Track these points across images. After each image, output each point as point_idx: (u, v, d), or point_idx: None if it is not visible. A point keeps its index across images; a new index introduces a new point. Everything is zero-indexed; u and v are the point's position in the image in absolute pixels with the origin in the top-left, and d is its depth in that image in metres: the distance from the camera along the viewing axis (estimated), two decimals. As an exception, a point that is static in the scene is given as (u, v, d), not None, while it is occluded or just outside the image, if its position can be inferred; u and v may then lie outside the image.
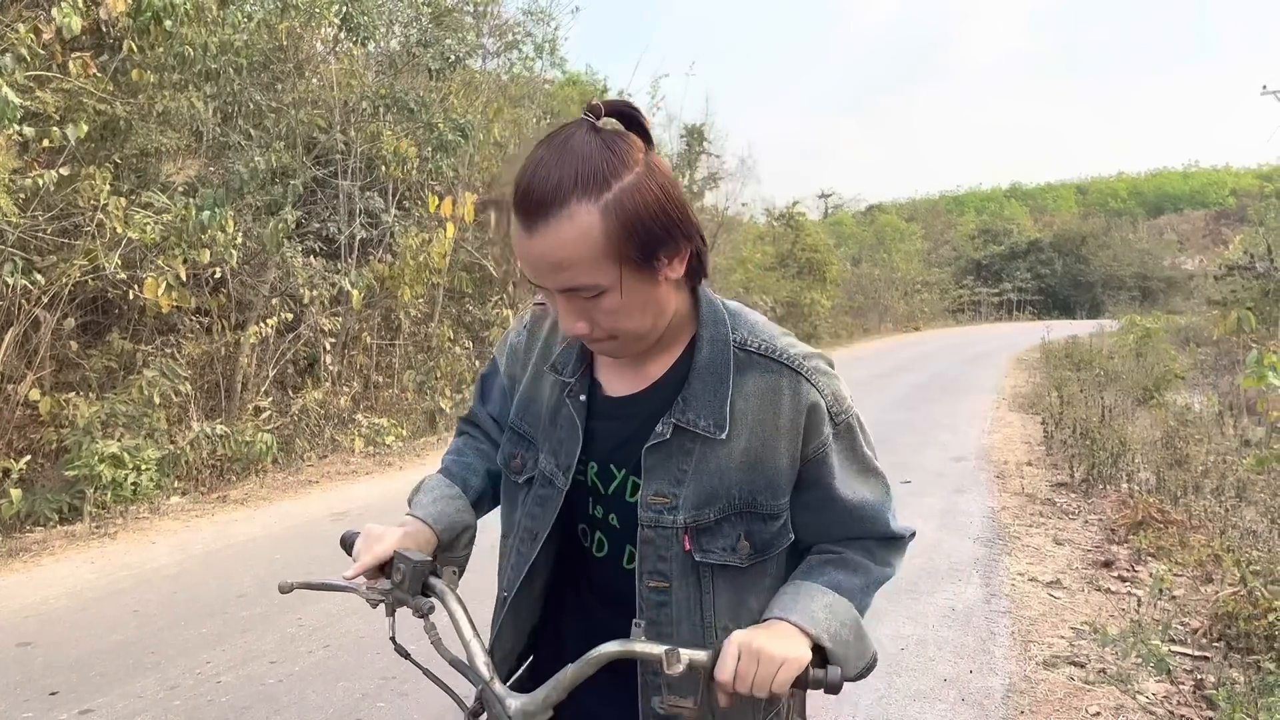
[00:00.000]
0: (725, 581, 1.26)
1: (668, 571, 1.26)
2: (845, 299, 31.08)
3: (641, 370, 1.28)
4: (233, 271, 8.46)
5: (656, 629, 1.26)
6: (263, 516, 6.65)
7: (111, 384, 7.70)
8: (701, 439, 1.22)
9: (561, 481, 1.30)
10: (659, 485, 1.24)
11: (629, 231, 1.08)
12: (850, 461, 1.29)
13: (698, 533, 1.24)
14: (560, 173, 1.06)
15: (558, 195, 1.06)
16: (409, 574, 1.24)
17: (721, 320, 1.26)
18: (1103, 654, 4.11)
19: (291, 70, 9.73)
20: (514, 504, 1.39)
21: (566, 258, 1.08)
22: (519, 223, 1.10)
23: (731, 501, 1.23)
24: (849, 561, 1.30)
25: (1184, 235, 60.57)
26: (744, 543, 1.25)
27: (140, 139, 7.84)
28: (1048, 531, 6.35)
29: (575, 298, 1.13)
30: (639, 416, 1.26)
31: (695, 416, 1.22)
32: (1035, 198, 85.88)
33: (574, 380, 1.31)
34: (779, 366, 1.24)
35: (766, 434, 1.23)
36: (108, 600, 4.80)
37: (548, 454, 1.33)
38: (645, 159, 1.12)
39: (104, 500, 6.60)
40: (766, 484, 1.24)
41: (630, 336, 1.19)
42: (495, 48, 13.85)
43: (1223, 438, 9.54)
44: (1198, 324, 24.19)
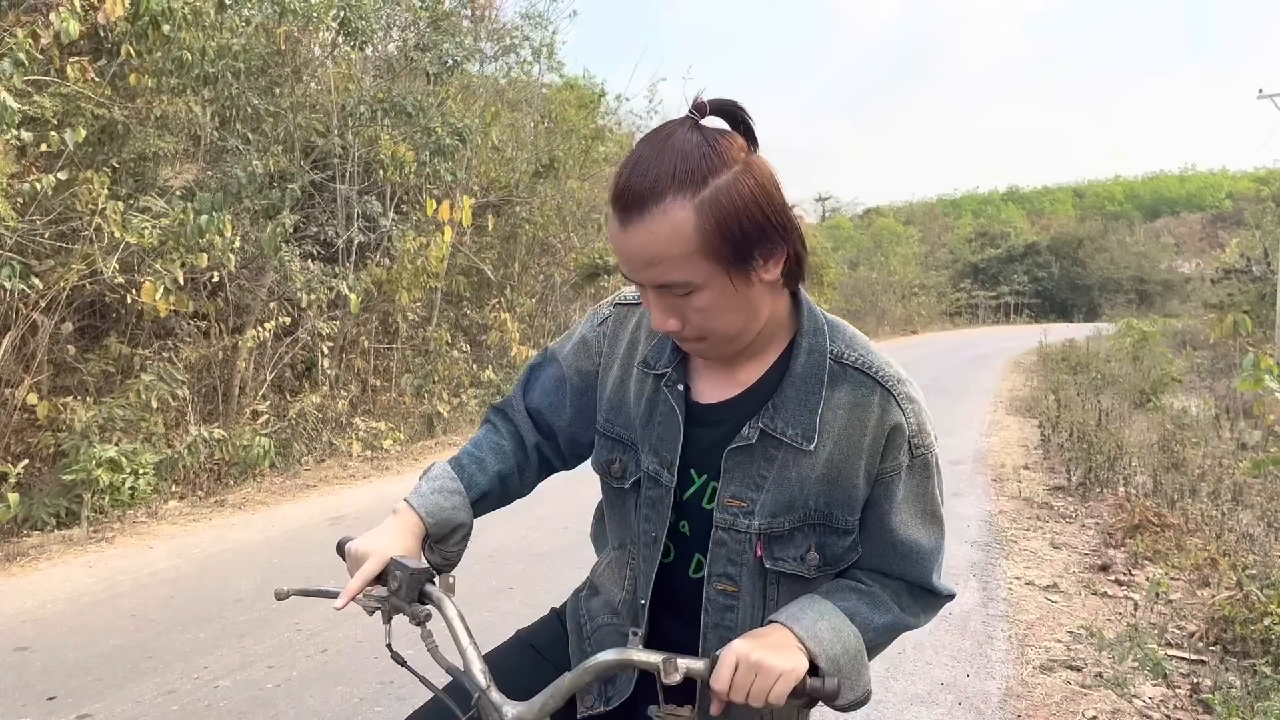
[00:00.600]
0: (788, 590, 1.27)
1: (737, 576, 1.26)
2: (843, 302, 31.09)
3: (733, 376, 1.27)
4: (230, 275, 8.45)
5: (720, 633, 1.27)
6: (260, 520, 6.65)
7: (109, 388, 7.69)
8: (787, 447, 1.22)
9: (668, 479, 1.28)
10: (737, 488, 1.24)
11: (723, 229, 1.08)
12: (916, 498, 1.28)
13: (770, 540, 1.24)
14: (658, 169, 1.07)
15: (654, 190, 1.07)
16: (405, 582, 1.23)
17: (821, 330, 1.26)
18: (1099, 658, 4.12)
19: (289, 74, 9.73)
20: (624, 510, 1.37)
21: (659, 253, 1.08)
22: (616, 217, 1.11)
23: (808, 512, 1.23)
24: (875, 597, 1.28)
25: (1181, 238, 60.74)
26: (814, 554, 1.25)
27: (138, 143, 7.84)
28: (1045, 535, 6.36)
29: (667, 294, 1.13)
30: (728, 423, 1.25)
31: (784, 424, 1.22)
32: (1032, 201, 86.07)
33: (670, 370, 1.29)
34: (872, 383, 1.23)
35: (850, 449, 1.22)
36: (105, 605, 4.80)
37: (649, 453, 1.30)
38: (745, 158, 1.12)
39: (101, 504, 6.59)
40: (844, 498, 1.24)
41: (721, 337, 1.18)
42: (493, 52, 13.86)
43: (1219, 441, 9.57)
44: (1194, 327, 24.27)
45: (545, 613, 1.58)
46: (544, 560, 5.30)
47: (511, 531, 5.77)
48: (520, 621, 1.59)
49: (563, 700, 1.15)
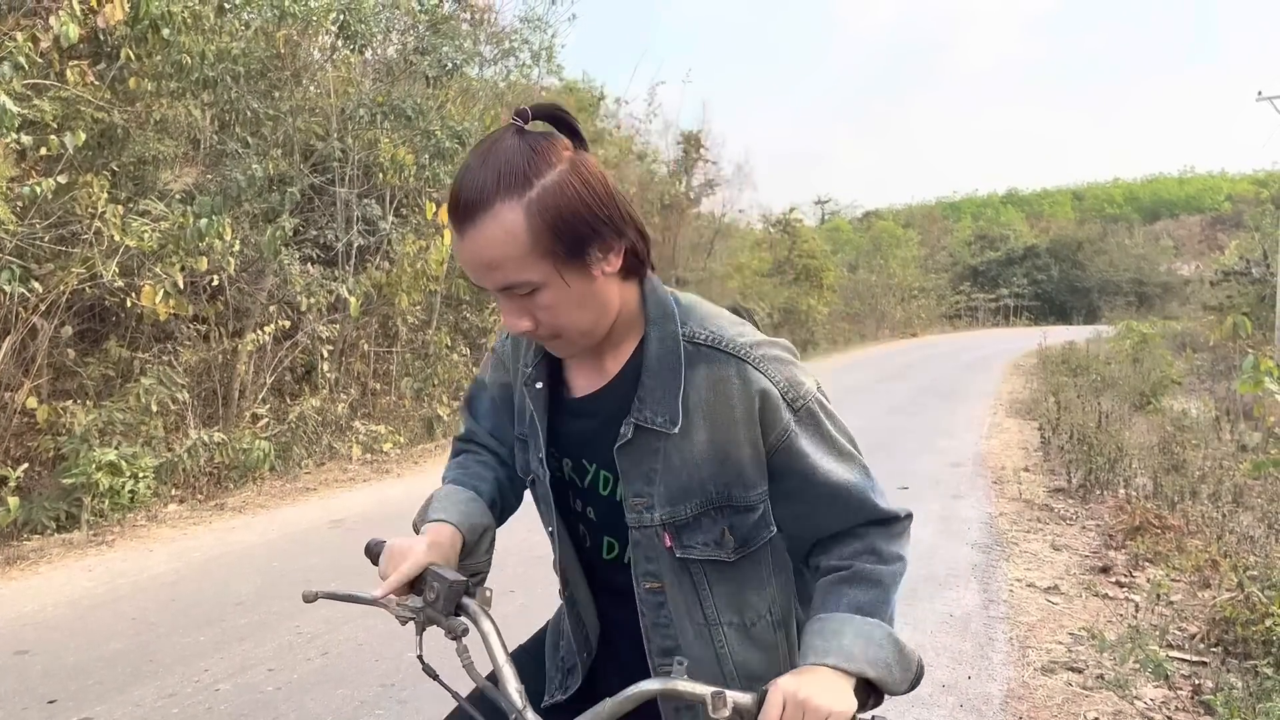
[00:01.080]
0: (719, 577, 1.27)
1: (658, 572, 1.27)
2: (842, 305, 31.12)
3: (600, 367, 1.30)
4: (230, 279, 8.46)
5: (660, 631, 1.28)
6: (260, 524, 6.65)
7: (109, 392, 7.69)
8: (661, 435, 1.23)
9: (543, 474, 1.33)
10: (636, 485, 1.25)
11: (554, 227, 1.11)
12: (819, 445, 1.26)
13: (677, 530, 1.25)
14: (484, 175, 1.10)
15: (482, 197, 1.10)
16: (443, 593, 1.20)
17: (670, 315, 1.26)
18: (1101, 660, 4.12)
19: (289, 78, 9.74)
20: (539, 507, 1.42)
21: (496, 256, 1.11)
22: (452, 226, 1.14)
23: (708, 496, 1.24)
24: (861, 574, 1.27)
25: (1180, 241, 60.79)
26: (729, 536, 1.25)
27: (138, 147, 7.85)
28: (1045, 537, 6.36)
29: (513, 295, 1.16)
30: (601, 414, 1.28)
31: (652, 414, 1.23)
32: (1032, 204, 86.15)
33: (530, 369, 1.35)
34: (725, 357, 1.23)
35: (724, 425, 1.22)
36: (105, 608, 4.79)
37: (532, 452, 1.36)
38: (570, 157, 1.15)
39: (101, 508, 6.59)
40: (736, 475, 1.23)
41: (574, 332, 1.21)
42: (492, 55, 13.86)
43: (1219, 443, 9.57)
44: (1194, 329, 24.28)
45: (547, 616, 1.61)
46: (544, 562, 5.28)
47: (511, 535, 5.74)
48: (521, 623, 1.60)
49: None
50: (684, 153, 22.03)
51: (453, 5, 12.17)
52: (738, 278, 23.95)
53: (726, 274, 23.59)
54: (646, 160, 20.80)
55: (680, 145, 22.07)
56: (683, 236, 21.29)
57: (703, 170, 22.87)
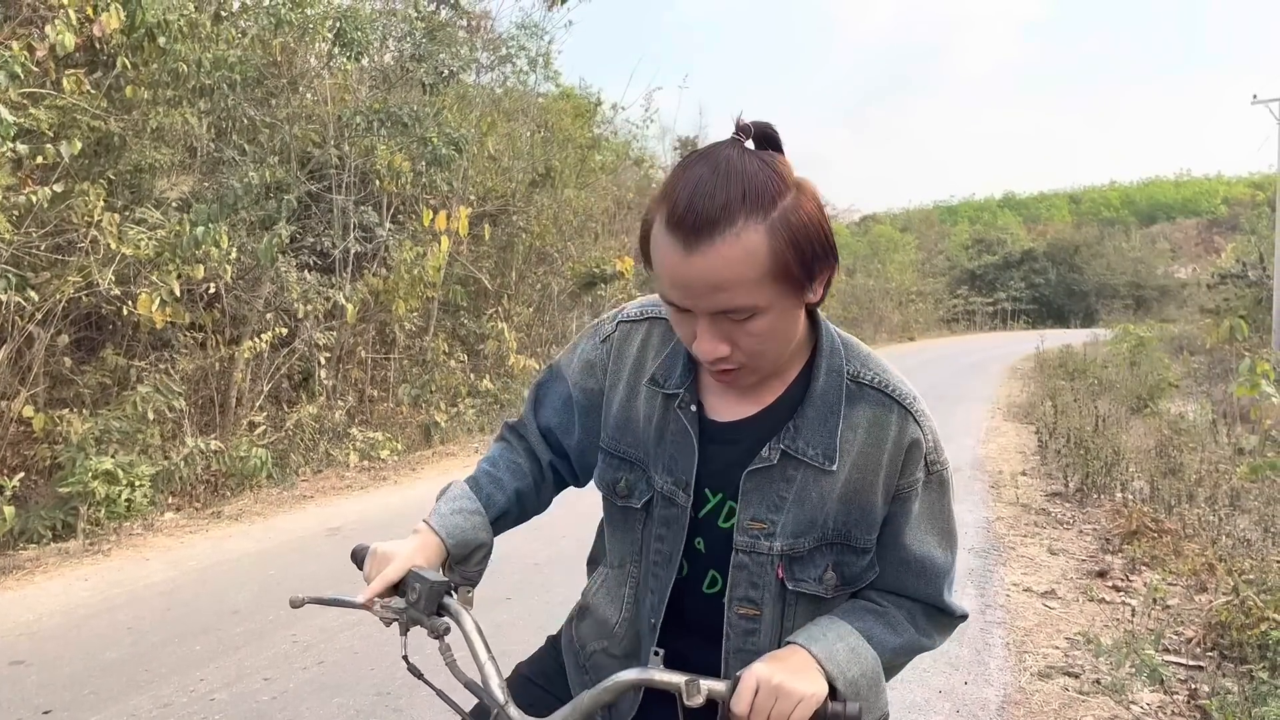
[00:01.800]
0: (805, 611, 1.26)
1: (759, 599, 1.25)
2: (840, 309, 31.13)
3: (751, 395, 1.25)
4: (227, 287, 8.47)
5: (742, 656, 1.25)
6: (257, 532, 6.64)
7: (105, 400, 7.69)
8: (806, 467, 1.21)
9: (683, 499, 1.26)
10: (757, 510, 1.23)
11: (794, 251, 1.07)
12: (932, 515, 1.27)
13: (791, 561, 1.23)
14: (726, 192, 1.04)
15: (725, 214, 1.03)
16: (424, 594, 1.22)
17: (837, 350, 1.25)
18: (1097, 664, 4.12)
19: (285, 85, 9.76)
20: (628, 529, 1.34)
21: (729, 278, 1.05)
22: (677, 243, 1.06)
23: (826, 532, 1.22)
24: (890, 617, 1.27)
25: (1177, 244, 60.88)
26: (831, 574, 1.24)
27: (134, 155, 7.86)
28: (1042, 541, 6.36)
29: (724, 320, 1.10)
30: (745, 442, 1.24)
31: (805, 445, 1.21)
32: (1029, 207, 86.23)
33: (683, 390, 1.27)
34: (890, 402, 1.23)
35: (868, 468, 1.21)
36: (101, 617, 4.78)
37: (663, 472, 1.28)
38: (798, 180, 1.11)
39: (97, 517, 6.58)
40: (861, 517, 1.23)
41: (766, 361, 1.17)
42: (489, 62, 13.91)
43: (1216, 446, 9.57)
44: (1191, 332, 24.29)
45: (542, 622, 1.60)
46: (541, 570, 5.29)
47: (508, 541, 5.72)
48: (518, 631, 1.60)
49: (583, 717, 1.14)
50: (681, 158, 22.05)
51: (449, 12, 12.21)
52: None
53: (724, 279, 23.58)
54: (644, 166, 20.83)
55: (677, 150, 22.10)
56: (680, 242, 21.29)
57: (700, 175, 22.89)
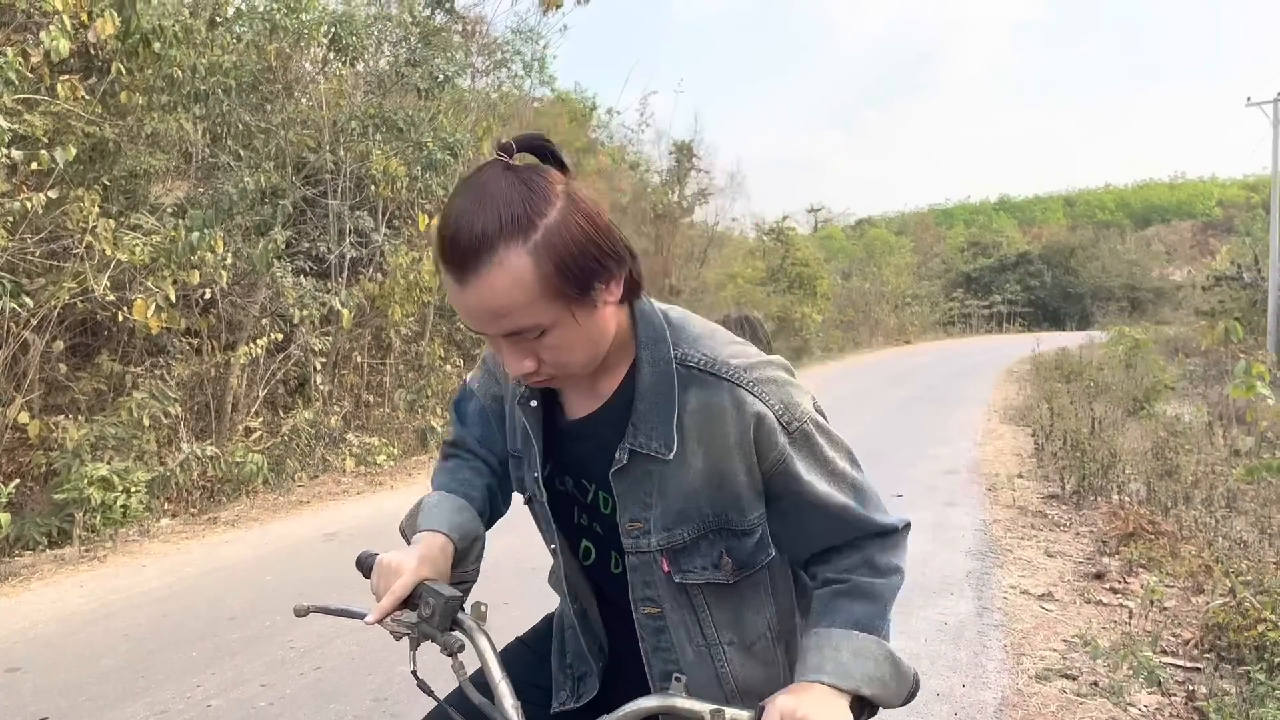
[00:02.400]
0: (718, 600, 1.27)
1: (656, 597, 1.27)
2: (836, 313, 31.15)
3: (593, 390, 1.28)
4: (223, 292, 8.45)
5: (661, 655, 1.28)
6: (253, 538, 6.63)
7: (101, 406, 7.67)
8: (658, 461, 1.21)
9: (540, 494, 1.32)
10: (633, 510, 1.24)
11: (562, 269, 1.07)
12: (814, 467, 1.24)
13: (674, 554, 1.24)
14: (483, 219, 1.04)
15: (484, 243, 1.03)
16: (439, 609, 1.20)
17: (662, 336, 1.23)
18: (1095, 666, 4.12)
19: (280, 91, 9.75)
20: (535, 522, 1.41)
21: (504, 304, 1.06)
22: (450, 274, 1.07)
23: (704, 520, 1.23)
24: (858, 589, 1.25)
25: (1171, 246, 60.93)
26: (726, 559, 1.24)
27: (129, 161, 7.84)
28: (1039, 544, 6.37)
29: (519, 340, 1.12)
30: (596, 437, 1.26)
31: (646, 439, 1.21)
32: (1023, 210, 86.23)
33: (524, 388, 1.30)
34: (719, 381, 1.20)
35: (719, 450, 1.20)
36: (97, 624, 4.77)
37: (528, 470, 1.34)
38: (565, 190, 1.10)
39: (93, 523, 6.56)
40: (732, 500, 1.22)
41: (576, 368, 1.18)
42: (484, 66, 13.92)
43: (1212, 448, 9.59)
44: (1186, 334, 24.36)
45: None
46: (538, 574, 5.27)
47: (504, 546, 5.73)
48: (514, 635, 1.61)
49: None
50: (676, 162, 22.08)
51: (444, 17, 12.21)
52: (731, 287, 23.99)
53: (720, 283, 23.63)
54: (639, 170, 20.86)
55: (672, 155, 22.13)
56: (676, 246, 21.32)
57: (695, 179, 22.95)
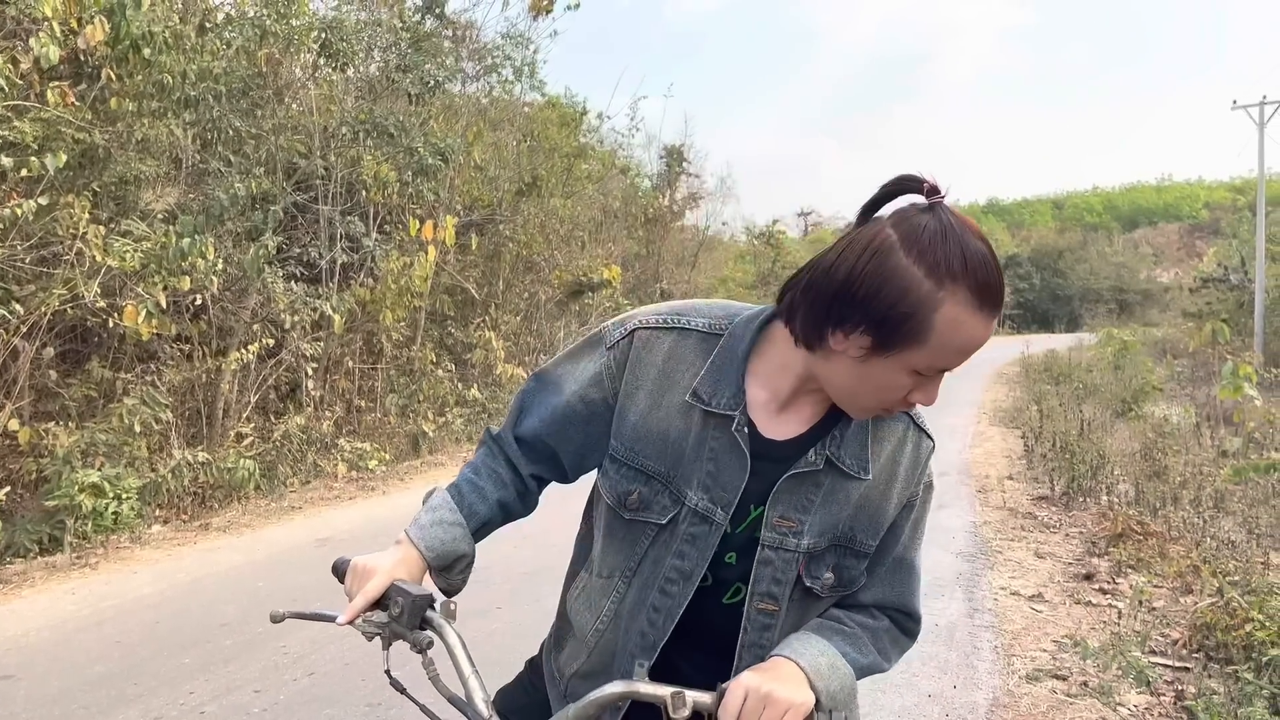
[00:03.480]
0: (800, 607, 1.31)
1: (779, 595, 1.28)
2: (826, 316, 31.14)
3: (797, 414, 1.29)
4: (213, 298, 8.44)
5: (755, 652, 1.28)
6: (245, 544, 6.62)
7: (91, 413, 7.65)
8: (839, 474, 1.27)
9: (721, 517, 1.27)
10: (784, 510, 1.26)
11: None
12: (921, 521, 1.37)
13: (810, 559, 1.28)
14: (997, 273, 1.14)
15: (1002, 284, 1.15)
16: (407, 608, 1.21)
17: None
18: (1084, 667, 4.15)
19: (271, 96, 9.74)
20: (631, 542, 1.33)
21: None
22: (985, 316, 1.14)
23: (838, 535, 1.29)
24: (857, 639, 1.31)
25: (1159, 248, 61.32)
26: (829, 575, 1.30)
27: (119, 167, 7.83)
28: (1029, 545, 6.41)
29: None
30: (795, 458, 1.27)
31: (844, 454, 1.27)
32: (1012, 213, 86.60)
33: (737, 413, 1.27)
34: (909, 423, 1.33)
35: (886, 477, 1.30)
36: (89, 631, 4.76)
37: (698, 489, 1.28)
38: None
39: (84, 530, 6.55)
40: (869, 522, 1.30)
41: None
42: (474, 71, 13.91)
43: (1200, 449, 9.64)
44: (1174, 336, 24.47)
45: (536, 630, 1.59)
46: (531, 579, 5.29)
47: (496, 550, 5.73)
48: (509, 639, 1.61)
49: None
50: (667, 166, 22.10)
51: (434, 22, 12.22)
52: (722, 290, 24.01)
53: (711, 287, 23.65)
54: (630, 174, 20.86)
55: (663, 159, 22.15)
56: (666, 250, 21.33)
57: (685, 183, 22.95)
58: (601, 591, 1.37)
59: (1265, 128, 24.26)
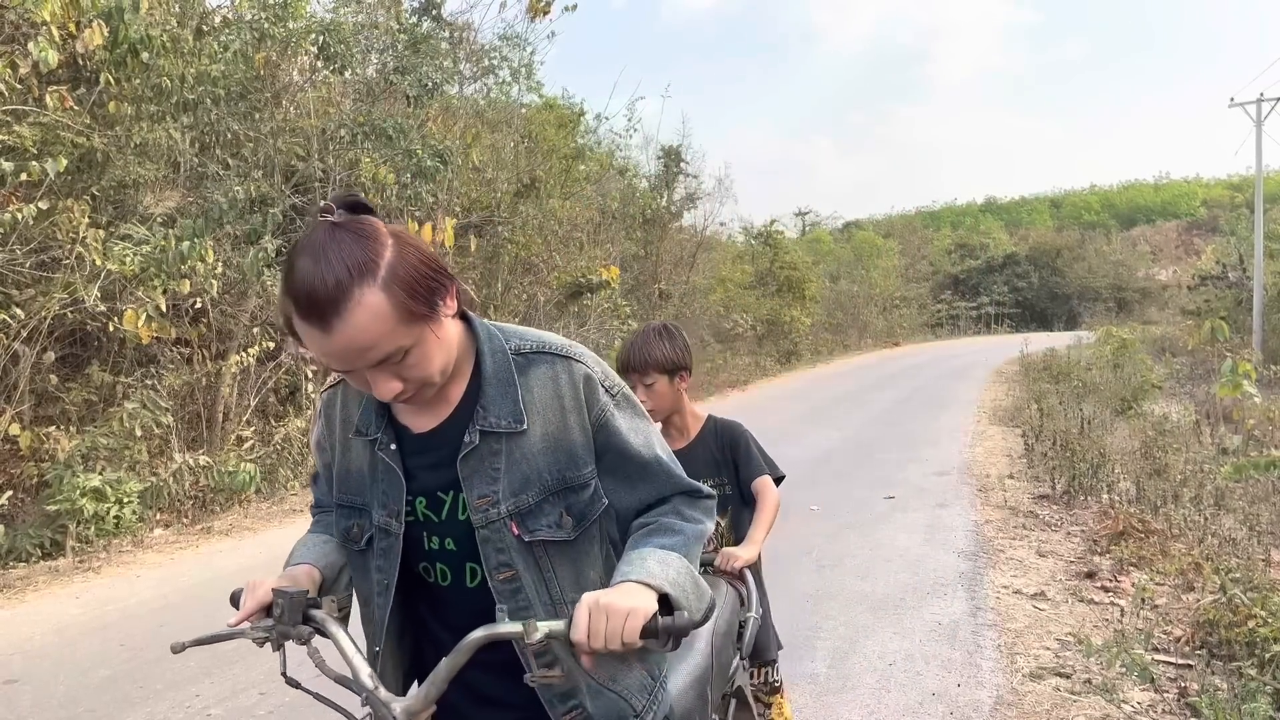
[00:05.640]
0: (561, 557, 1.41)
1: (509, 560, 1.38)
2: (825, 316, 31.25)
3: (441, 402, 1.41)
4: (213, 301, 8.44)
5: (520, 616, 1.37)
6: (247, 546, 6.62)
7: (92, 417, 7.65)
8: (505, 435, 1.37)
9: (396, 527, 1.42)
10: (480, 488, 1.37)
11: (412, 294, 1.23)
12: (631, 425, 1.44)
13: (521, 517, 1.37)
14: (333, 271, 1.17)
15: (340, 291, 1.17)
16: (287, 606, 1.32)
17: (495, 336, 1.43)
18: (1088, 664, 4.15)
19: (269, 99, 9.74)
20: (364, 570, 1.48)
21: (370, 339, 1.20)
22: (312, 327, 1.20)
23: (545, 484, 1.38)
24: (663, 526, 1.42)
25: (1157, 246, 61.37)
26: (566, 517, 1.39)
27: (118, 171, 7.84)
28: (1031, 544, 6.41)
29: (385, 366, 1.26)
30: (451, 442, 1.39)
31: (496, 419, 1.37)
32: (1010, 212, 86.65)
33: (380, 434, 1.42)
34: (551, 357, 1.42)
35: (556, 415, 1.39)
36: (94, 635, 4.77)
37: (378, 508, 1.43)
38: (390, 230, 1.27)
39: (86, 534, 6.55)
40: (569, 459, 1.39)
41: (436, 375, 1.32)
42: (472, 73, 13.94)
43: (1200, 446, 9.66)
44: (1173, 334, 24.49)
45: None
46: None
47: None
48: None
49: (444, 685, 1.24)
50: (664, 167, 22.12)
51: (431, 24, 12.23)
52: (720, 291, 24.03)
53: (709, 287, 23.67)
54: (627, 175, 20.88)
55: (660, 160, 22.17)
56: (664, 250, 21.35)
57: (683, 184, 22.97)
58: (366, 618, 1.53)
59: (1263, 125, 24.27)
